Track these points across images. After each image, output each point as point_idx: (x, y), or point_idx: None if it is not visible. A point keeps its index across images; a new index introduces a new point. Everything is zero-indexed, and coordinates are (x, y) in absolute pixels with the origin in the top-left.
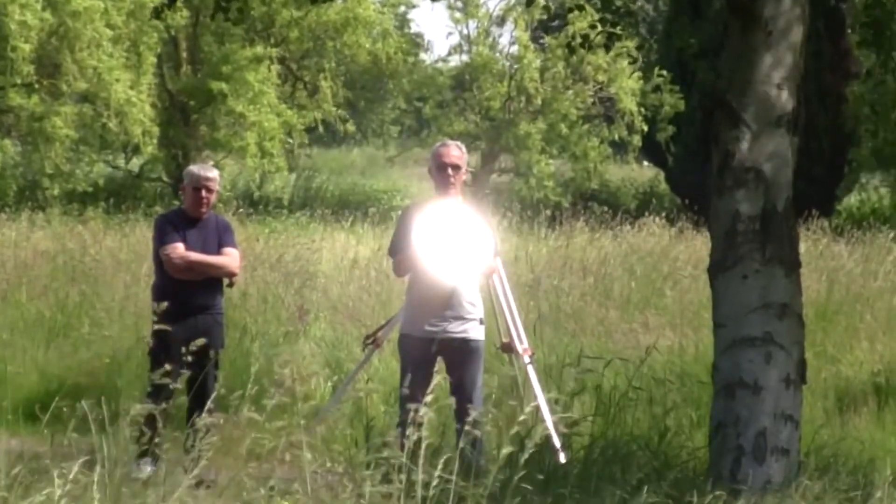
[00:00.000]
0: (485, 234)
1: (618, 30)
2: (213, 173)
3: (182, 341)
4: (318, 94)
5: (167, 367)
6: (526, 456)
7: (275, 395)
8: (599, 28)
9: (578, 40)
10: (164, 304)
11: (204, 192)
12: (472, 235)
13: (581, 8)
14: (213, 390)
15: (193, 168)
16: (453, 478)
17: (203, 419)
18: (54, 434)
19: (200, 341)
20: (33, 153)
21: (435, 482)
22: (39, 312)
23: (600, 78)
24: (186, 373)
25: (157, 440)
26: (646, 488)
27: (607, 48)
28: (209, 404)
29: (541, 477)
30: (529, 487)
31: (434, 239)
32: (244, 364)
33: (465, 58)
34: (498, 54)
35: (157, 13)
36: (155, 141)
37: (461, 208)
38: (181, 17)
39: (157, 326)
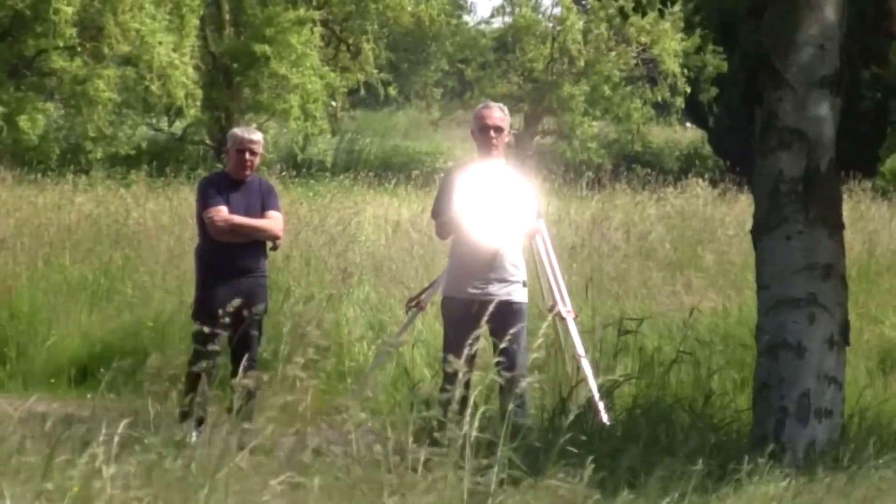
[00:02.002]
0: (527, 196)
1: None
2: (257, 136)
3: (225, 303)
4: (360, 57)
5: (209, 330)
6: (570, 419)
7: (315, 356)
8: None
9: (630, 4)
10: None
11: (248, 155)
12: (514, 197)
13: None
14: (256, 353)
15: (237, 130)
16: (500, 440)
17: (245, 379)
18: (97, 397)
19: (236, 302)
20: (76, 116)
21: (474, 440)
22: (83, 276)
23: (643, 39)
24: (226, 334)
25: (200, 401)
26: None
27: (661, 13)
28: (250, 365)
29: (584, 438)
30: (574, 450)
31: (477, 201)
32: (287, 326)
33: (507, 19)
34: (541, 16)
35: None
36: (198, 104)
37: (504, 170)
38: None
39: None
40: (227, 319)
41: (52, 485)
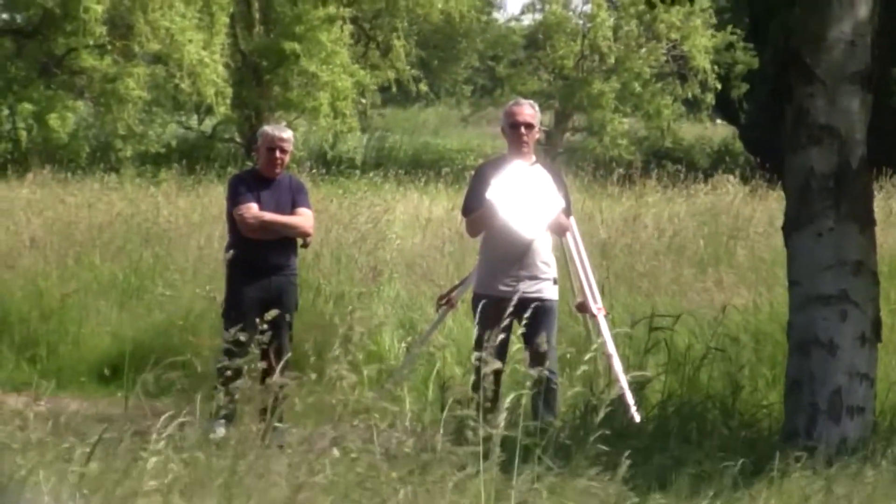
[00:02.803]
0: (558, 193)
1: None
2: (287, 133)
3: (255, 301)
4: (390, 54)
5: (240, 329)
6: (601, 416)
7: (348, 353)
8: None
9: None
10: (231, 253)
11: (278, 153)
12: (545, 194)
13: None
14: (286, 351)
15: (267, 128)
16: (527, 439)
17: (277, 379)
18: (128, 396)
19: (274, 312)
20: (106, 115)
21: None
22: (113, 274)
23: (673, 36)
24: (259, 336)
25: (230, 400)
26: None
27: (691, 2)
28: (282, 364)
29: (614, 436)
30: (604, 448)
31: (507, 198)
32: (318, 324)
33: (537, 16)
34: (571, 13)
35: None
36: (227, 101)
37: (534, 167)
38: None
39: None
40: (264, 326)
41: (92, 469)
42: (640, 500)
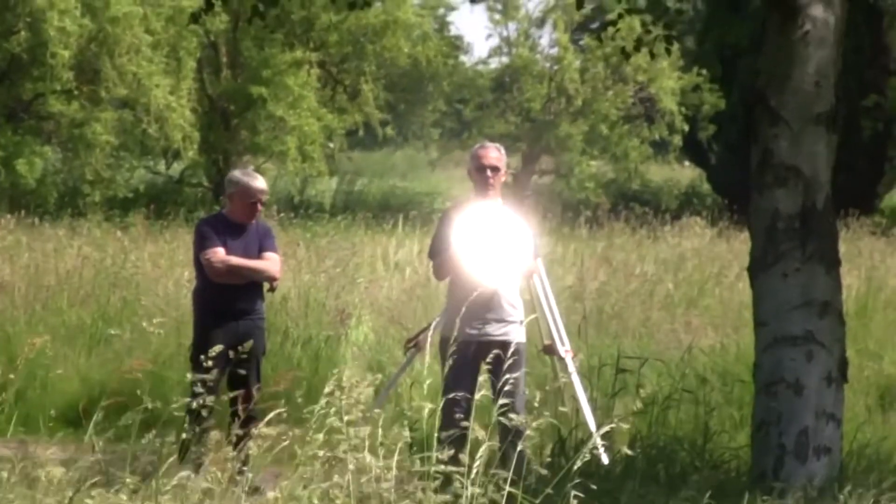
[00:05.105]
0: (525, 236)
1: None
2: (265, 184)
3: (223, 346)
4: (358, 98)
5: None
6: (573, 462)
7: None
8: (653, 32)
9: (632, 44)
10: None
11: (259, 205)
12: (512, 237)
13: (631, 12)
14: (254, 395)
15: (243, 177)
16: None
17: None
18: (94, 440)
19: (247, 344)
20: (74, 160)
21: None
22: (81, 319)
23: (640, 78)
24: (224, 378)
25: (199, 444)
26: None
27: (667, 51)
28: (248, 407)
29: (583, 479)
30: (581, 494)
31: (474, 241)
32: (286, 368)
33: (504, 59)
34: (538, 55)
35: (195, 18)
36: (195, 146)
37: (501, 210)
38: (220, 21)
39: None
40: (231, 354)
41: None
42: None
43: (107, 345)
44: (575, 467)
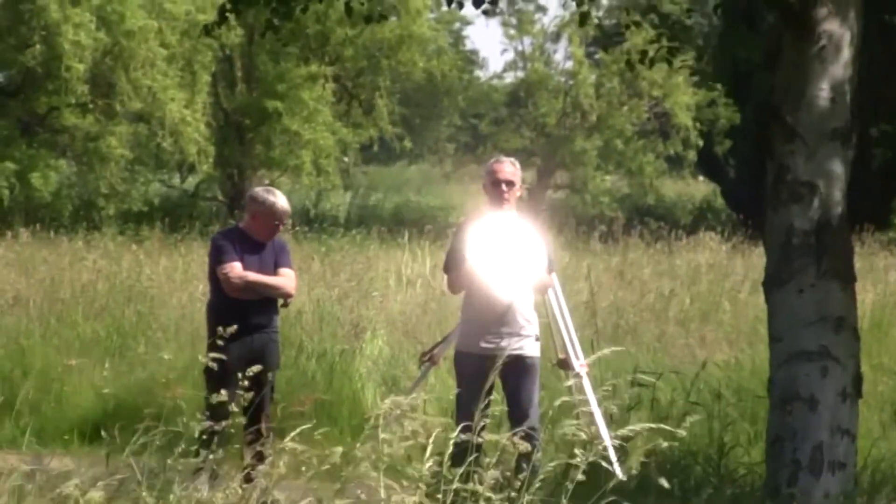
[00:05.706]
0: (540, 250)
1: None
2: (289, 205)
3: (237, 360)
4: (373, 112)
5: (223, 391)
6: (580, 472)
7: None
8: (658, 44)
9: (637, 56)
10: (233, 328)
11: (281, 226)
12: (527, 251)
13: (637, 24)
14: (269, 410)
15: (274, 200)
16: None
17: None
18: (108, 454)
19: (256, 368)
20: (88, 173)
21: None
22: (95, 332)
23: (655, 93)
24: (242, 393)
25: (213, 458)
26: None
27: (669, 63)
28: (263, 422)
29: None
30: None
31: (489, 255)
32: (300, 382)
33: (520, 74)
34: (553, 70)
35: (208, 31)
36: (210, 160)
37: (516, 224)
38: (235, 35)
39: (212, 355)
40: (245, 383)
41: None
42: None
43: (121, 358)
44: (582, 479)
